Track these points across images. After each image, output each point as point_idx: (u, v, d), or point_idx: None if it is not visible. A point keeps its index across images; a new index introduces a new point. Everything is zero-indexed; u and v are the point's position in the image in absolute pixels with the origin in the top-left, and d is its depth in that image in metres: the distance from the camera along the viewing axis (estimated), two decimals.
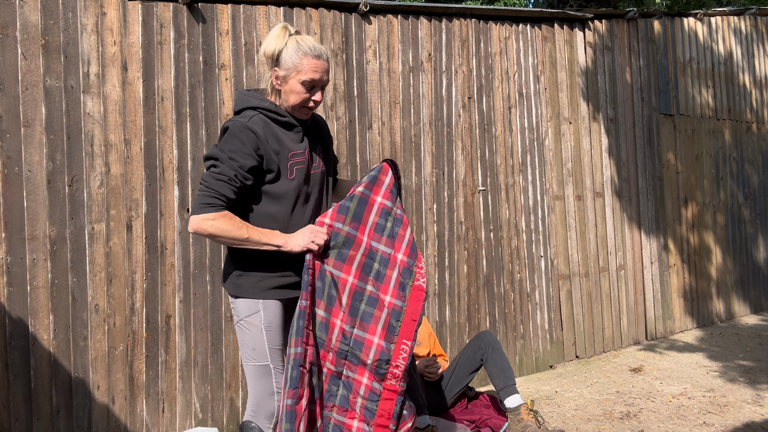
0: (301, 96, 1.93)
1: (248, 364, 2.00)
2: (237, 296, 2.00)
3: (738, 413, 3.41)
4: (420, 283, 2.05)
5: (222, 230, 1.83)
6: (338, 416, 2.00)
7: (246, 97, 2.01)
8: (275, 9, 3.36)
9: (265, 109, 1.95)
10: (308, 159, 2.01)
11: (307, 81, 1.91)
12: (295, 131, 1.99)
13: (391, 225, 2.09)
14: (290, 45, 1.91)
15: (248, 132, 1.88)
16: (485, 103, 4.19)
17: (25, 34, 2.68)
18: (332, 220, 2.01)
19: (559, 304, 4.48)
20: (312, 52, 1.91)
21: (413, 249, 2.09)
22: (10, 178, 2.63)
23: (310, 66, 1.90)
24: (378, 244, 2.06)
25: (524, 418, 2.86)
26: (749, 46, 6.10)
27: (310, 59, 1.90)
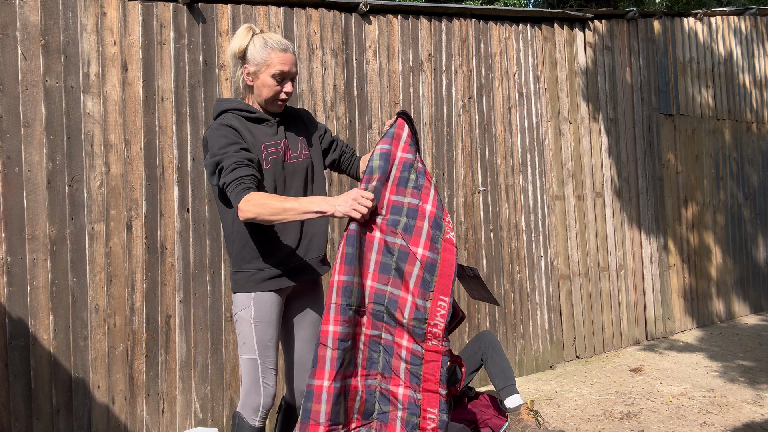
0: (272, 89, 2.01)
1: (241, 356, 2.08)
2: (235, 291, 2.08)
3: (738, 413, 3.41)
4: (450, 236, 1.92)
5: (260, 207, 1.79)
6: (383, 384, 1.90)
7: (219, 102, 2.10)
8: (275, 9, 3.36)
9: (236, 109, 2.04)
10: (284, 149, 2.06)
11: (277, 74, 1.99)
12: (267, 125, 2.07)
13: (415, 177, 2.01)
14: (257, 41, 2.00)
15: (224, 128, 1.96)
16: (485, 103, 4.19)
17: (25, 34, 2.68)
18: (364, 182, 1.94)
19: (559, 304, 4.48)
20: (279, 46, 1.99)
21: (440, 201, 1.99)
22: (10, 178, 2.63)
23: (279, 59, 1.98)
24: (403, 198, 1.96)
25: (524, 418, 2.86)
26: (749, 46, 6.10)
27: (278, 53, 1.98)
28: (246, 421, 2.04)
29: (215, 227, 3.14)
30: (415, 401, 1.84)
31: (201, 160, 3.11)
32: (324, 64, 3.51)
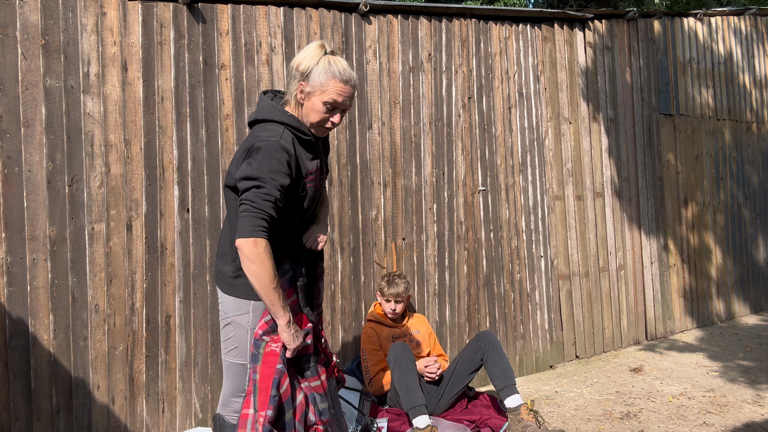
0: (320, 115, 1.95)
1: (227, 359, 2.04)
2: (232, 295, 2.02)
3: (738, 413, 3.41)
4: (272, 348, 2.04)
5: (262, 264, 1.82)
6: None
7: (271, 108, 1.99)
8: (275, 9, 3.36)
9: (292, 126, 1.96)
10: (317, 175, 2.05)
11: (330, 102, 1.92)
12: (313, 151, 2.03)
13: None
14: (321, 64, 1.92)
15: (283, 152, 1.88)
16: (485, 103, 4.19)
17: (25, 34, 2.68)
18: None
19: (559, 304, 4.48)
20: (341, 75, 1.92)
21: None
22: (10, 178, 2.63)
23: (336, 89, 1.91)
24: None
25: (524, 418, 2.86)
26: (749, 46, 6.10)
27: (338, 82, 1.91)
28: (228, 422, 2.04)
29: (215, 227, 3.14)
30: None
31: (201, 160, 3.11)
32: None
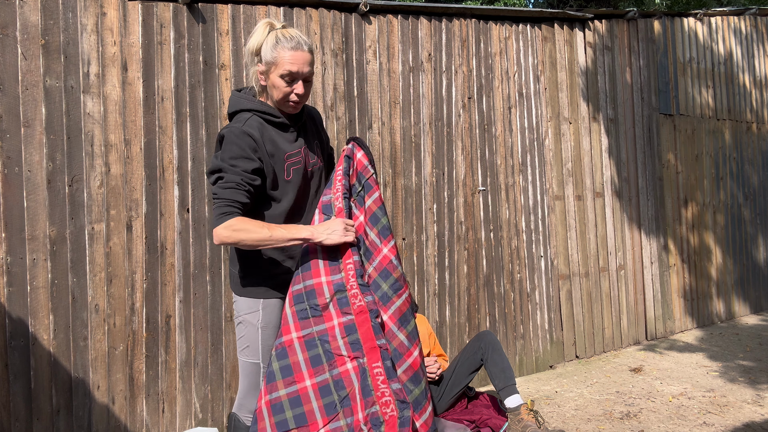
0: (282, 90, 1.89)
1: (241, 358, 2.05)
2: (241, 294, 2.03)
3: (738, 413, 3.40)
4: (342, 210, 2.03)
5: (244, 234, 1.81)
6: (333, 372, 1.97)
7: (238, 98, 1.98)
8: (275, 9, 3.36)
9: (259, 111, 1.93)
10: (305, 157, 2.00)
11: (286, 74, 1.86)
12: (290, 132, 1.99)
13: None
14: (269, 39, 1.87)
15: (245, 137, 1.86)
16: (485, 103, 4.19)
17: (25, 34, 2.68)
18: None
19: (559, 304, 4.48)
20: (289, 43, 1.85)
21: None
22: (10, 178, 2.63)
23: (287, 58, 1.85)
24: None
25: (524, 418, 2.86)
26: (749, 46, 6.10)
27: (287, 51, 1.84)
28: (242, 422, 2.04)
29: None
30: (363, 366, 1.89)
31: (201, 160, 3.11)
32: (324, 64, 3.51)
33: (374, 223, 2.12)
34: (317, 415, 1.85)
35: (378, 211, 2.13)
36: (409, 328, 2.07)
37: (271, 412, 1.85)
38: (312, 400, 1.86)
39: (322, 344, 1.92)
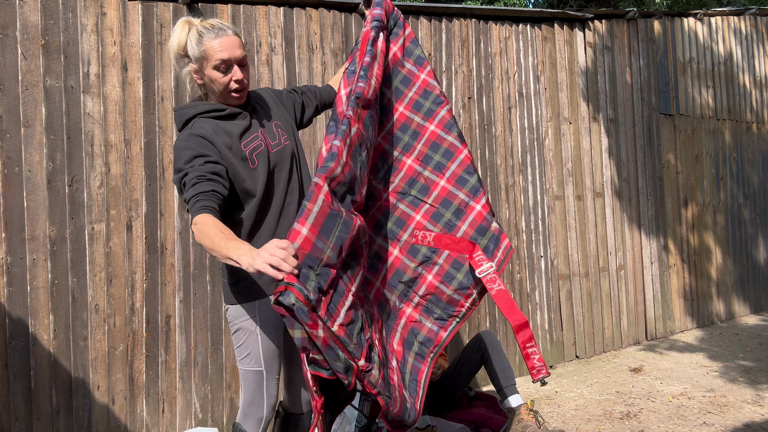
0: (221, 82, 1.81)
1: (241, 367, 1.97)
2: (233, 303, 1.95)
3: (738, 413, 3.40)
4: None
5: (198, 234, 1.63)
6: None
7: (181, 112, 1.90)
8: (275, 9, 3.36)
9: (202, 112, 1.86)
10: (264, 138, 1.90)
11: (219, 63, 1.78)
12: (240, 118, 1.89)
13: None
14: (192, 36, 1.80)
15: (194, 138, 1.78)
16: (485, 103, 4.19)
17: (25, 34, 2.68)
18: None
19: (559, 304, 4.48)
20: (212, 32, 1.79)
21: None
22: (10, 178, 2.63)
23: (216, 47, 1.77)
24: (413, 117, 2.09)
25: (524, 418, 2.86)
26: (749, 47, 6.10)
27: (213, 40, 1.78)
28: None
29: None
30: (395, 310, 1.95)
31: None
32: (324, 64, 3.51)
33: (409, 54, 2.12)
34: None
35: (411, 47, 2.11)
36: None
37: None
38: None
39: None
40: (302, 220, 1.49)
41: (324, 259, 1.49)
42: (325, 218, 1.53)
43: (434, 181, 1.96)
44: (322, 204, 1.53)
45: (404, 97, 2.00)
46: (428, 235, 1.92)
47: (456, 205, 1.94)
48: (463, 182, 1.95)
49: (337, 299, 1.49)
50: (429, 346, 1.92)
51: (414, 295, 1.90)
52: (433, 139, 1.98)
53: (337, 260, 1.53)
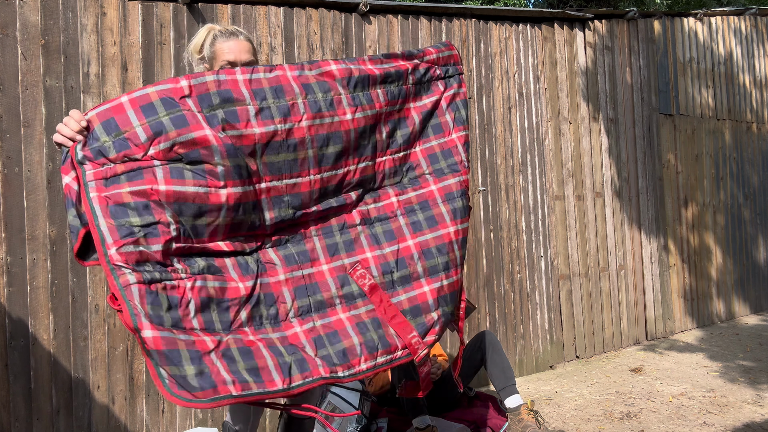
0: None
1: None
2: None
3: (738, 413, 3.40)
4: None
5: None
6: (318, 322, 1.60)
7: None
8: (275, 9, 3.36)
9: None
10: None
11: (225, 64, 1.86)
12: None
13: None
14: (208, 38, 1.89)
15: None
16: (485, 103, 4.19)
17: (25, 34, 2.68)
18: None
19: (559, 304, 4.48)
20: (224, 35, 1.87)
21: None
22: (10, 178, 2.63)
23: (225, 49, 1.86)
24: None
25: (524, 418, 2.86)
26: (749, 47, 6.10)
27: (222, 43, 1.86)
28: (234, 428, 2.04)
29: None
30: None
31: None
32: None
33: None
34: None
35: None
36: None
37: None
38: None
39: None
40: (134, 91, 1.45)
41: (127, 131, 1.40)
42: (156, 100, 1.43)
43: (404, 236, 1.75)
44: (164, 89, 1.46)
45: (427, 140, 1.87)
46: (367, 278, 1.67)
47: (408, 272, 1.70)
48: (428, 256, 1.72)
49: (134, 176, 1.39)
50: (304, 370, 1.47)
51: (312, 320, 1.56)
52: (427, 199, 1.80)
53: (147, 142, 1.41)
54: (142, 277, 1.32)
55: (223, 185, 1.45)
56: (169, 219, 1.39)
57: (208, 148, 1.43)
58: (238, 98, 1.51)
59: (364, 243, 1.70)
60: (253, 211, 1.54)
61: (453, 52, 1.94)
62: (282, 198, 1.58)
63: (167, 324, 1.31)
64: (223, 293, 1.44)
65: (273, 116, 1.54)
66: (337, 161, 1.65)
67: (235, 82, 1.52)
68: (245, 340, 1.42)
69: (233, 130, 1.49)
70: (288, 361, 1.43)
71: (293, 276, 1.58)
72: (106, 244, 1.32)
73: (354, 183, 1.71)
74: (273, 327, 1.50)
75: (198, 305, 1.38)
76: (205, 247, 1.47)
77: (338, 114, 1.63)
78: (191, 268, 1.42)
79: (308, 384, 1.41)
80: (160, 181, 1.39)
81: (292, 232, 1.63)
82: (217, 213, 1.46)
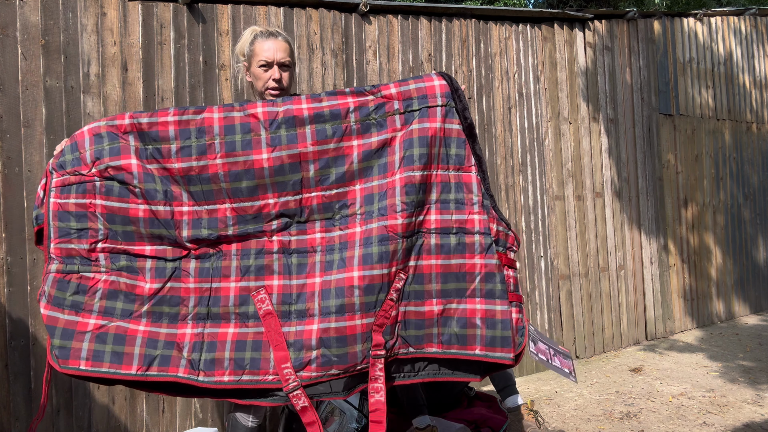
0: (261, 78, 2.00)
1: None
2: None
3: (738, 413, 3.41)
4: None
5: None
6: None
7: None
8: (275, 9, 3.36)
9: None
10: None
11: (262, 62, 1.98)
12: None
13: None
14: (250, 38, 2.02)
15: None
16: (485, 103, 4.19)
17: (25, 34, 2.68)
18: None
19: (559, 304, 4.48)
20: (264, 35, 1.99)
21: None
22: (10, 178, 2.63)
23: (262, 47, 1.98)
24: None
25: (524, 418, 2.86)
26: (749, 47, 6.10)
27: (261, 42, 1.98)
28: (240, 422, 2.04)
29: None
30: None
31: None
32: (324, 64, 3.52)
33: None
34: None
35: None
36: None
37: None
38: None
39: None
40: (92, 123, 1.83)
41: (81, 153, 1.79)
42: (104, 132, 1.81)
43: (313, 273, 1.76)
44: (111, 125, 1.81)
45: (370, 180, 1.79)
46: (265, 303, 1.76)
47: (305, 307, 1.77)
48: (325, 296, 1.75)
49: (80, 189, 1.80)
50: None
51: (203, 326, 1.79)
52: (347, 240, 1.78)
53: (91, 163, 1.78)
54: (63, 268, 1.75)
55: (140, 203, 1.76)
56: (99, 226, 1.77)
57: (130, 173, 1.76)
58: (164, 138, 1.78)
59: (275, 270, 1.79)
60: (170, 227, 1.78)
61: (429, 83, 1.82)
62: (200, 221, 1.78)
63: (65, 305, 1.72)
64: (131, 289, 1.77)
65: (191, 154, 1.76)
66: (252, 194, 1.77)
67: (166, 124, 1.77)
68: (130, 329, 1.74)
69: (157, 163, 1.79)
70: (155, 354, 1.73)
71: (202, 286, 1.78)
72: (51, 240, 1.76)
73: (274, 215, 1.78)
74: (168, 324, 1.77)
75: (105, 294, 1.75)
76: (129, 249, 1.79)
77: (253, 154, 1.75)
78: (113, 265, 1.78)
79: (161, 377, 1.72)
80: (97, 197, 1.77)
81: (215, 248, 1.81)
82: (137, 224, 1.77)
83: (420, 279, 1.80)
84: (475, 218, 1.83)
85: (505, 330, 1.79)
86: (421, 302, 1.80)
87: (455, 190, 1.83)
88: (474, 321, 1.80)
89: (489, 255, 1.81)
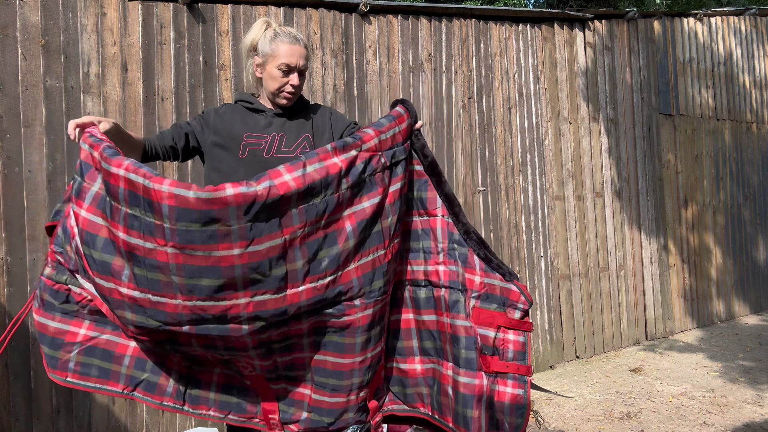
0: (278, 81, 1.98)
1: None
2: None
3: (738, 413, 3.40)
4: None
5: None
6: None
7: (235, 96, 2.11)
8: (275, 9, 3.36)
9: (239, 100, 2.05)
10: (269, 143, 2.00)
11: (283, 65, 1.96)
12: (263, 115, 2.04)
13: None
14: (268, 33, 1.99)
15: (198, 116, 2.04)
16: (485, 103, 4.19)
17: (25, 35, 2.68)
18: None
19: (559, 304, 4.48)
20: (287, 37, 1.97)
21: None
22: (10, 178, 2.63)
23: (285, 50, 1.96)
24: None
25: None
26: (749, 47, 6.10)
27: (285, 44, 1.96)
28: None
29: None
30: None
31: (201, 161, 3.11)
32: (324, 64, 3.52)
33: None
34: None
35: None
36: None
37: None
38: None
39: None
40: (81, 149, 1.46)
41: (84, 172, 1.45)
42: (84, 161, 1.45)
43: (301, 350, 1.58)
44: (87, 155, 1.44)
45: (366, 254, 1.52)
46: (248, 370, 1.62)
47: (296, 374, 1.62)
48: (320, 373, 1.59)
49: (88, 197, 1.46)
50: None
51: (190, 363, 1.63)
52: (348, 326, 1.53)
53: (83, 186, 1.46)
54: (54, 275, 1.54)
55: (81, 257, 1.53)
56: (72, 255, 1.54)
57: (76, 219, 1.45)
58: (113, 194, 1.36)
59: (253, 356, 1.53)
60: (109, 303, 1.47)
61: (402, 125, 1.60)
62: (144, 309, 1.38)
63: (56, 312, 1.55)
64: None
65: (139, 228, 1.33)
66: (217, 293, 1.35)
67: (117, 178, 1.34)
68: (120, 344, 1.57)
69: (106, 220, 1.39)
70: (142, 377, 1.58)
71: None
72: (51, 241, 1.55)
73: (245, 317, 1.39)
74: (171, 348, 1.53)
75: (94, 309, 1.55)
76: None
77: (220, 249, 1.32)
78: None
79: (146, 401, 1.59)
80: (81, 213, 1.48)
81: (171, 336, 1.49)
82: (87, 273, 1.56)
83: (397, 334, 1.66)
84: (440, 269, 1.61)
85: (466, 407, 1.55)
86: (403, 359, 1.68)
87: (422, 237, 1.65)
88: (446, 389, 1.61)
89: (453, 314, 1.58)
